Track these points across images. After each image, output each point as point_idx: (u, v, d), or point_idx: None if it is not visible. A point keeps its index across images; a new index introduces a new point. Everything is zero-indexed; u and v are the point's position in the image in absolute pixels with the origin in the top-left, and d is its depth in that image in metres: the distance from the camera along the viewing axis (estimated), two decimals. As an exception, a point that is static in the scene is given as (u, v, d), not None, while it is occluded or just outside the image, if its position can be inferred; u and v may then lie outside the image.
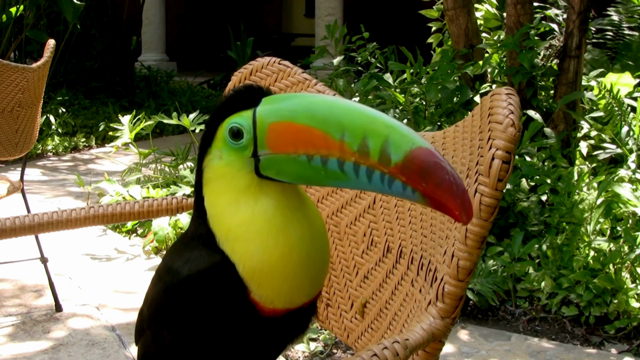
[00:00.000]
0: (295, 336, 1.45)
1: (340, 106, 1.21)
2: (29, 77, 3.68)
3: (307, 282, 1.31)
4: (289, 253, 1.26)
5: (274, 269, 1.25)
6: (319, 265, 1.33)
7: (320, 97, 1.25)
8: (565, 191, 4.59)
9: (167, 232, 4.91)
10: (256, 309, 1.28)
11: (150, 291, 1.44)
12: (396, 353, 1.12)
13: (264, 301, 1.27)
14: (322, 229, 1.35)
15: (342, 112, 1.20)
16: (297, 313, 1.33)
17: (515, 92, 1.28)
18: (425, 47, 6.98)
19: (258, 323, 1.30)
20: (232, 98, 1.29)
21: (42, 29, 10.27)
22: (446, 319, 1.28)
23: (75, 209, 1.86)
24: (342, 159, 1.18)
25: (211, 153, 1.30)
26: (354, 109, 1.20)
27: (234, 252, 1.27)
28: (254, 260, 1.25)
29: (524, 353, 3.63)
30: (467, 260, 1.25)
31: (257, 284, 1.26)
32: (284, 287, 1.27)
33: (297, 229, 1.27)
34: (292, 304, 1.30)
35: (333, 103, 1.22)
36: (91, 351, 3.57)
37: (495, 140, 1.21)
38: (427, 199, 1.14)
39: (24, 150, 3.89)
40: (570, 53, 5.46)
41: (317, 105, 1.22)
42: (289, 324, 1.37)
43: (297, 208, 1.29)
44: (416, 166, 1.13)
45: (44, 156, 8.68)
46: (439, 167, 1.12)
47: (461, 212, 1.12)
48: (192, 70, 15.63)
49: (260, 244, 1.25)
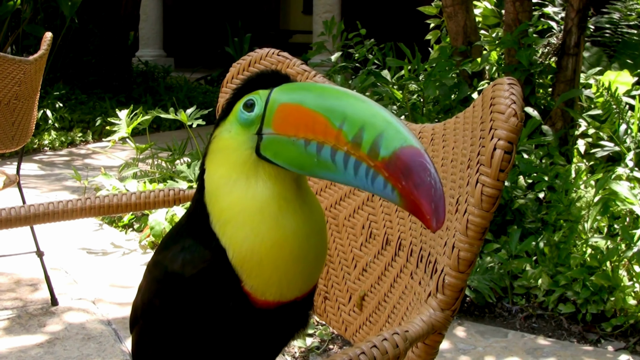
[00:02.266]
0: (294, 332, 1.44)
1: (348, 97, 1.21)
2: (26, 69, 3.67)
3: (300, 276, 1.29)
4: (281, 244, 1.24)
5: (264, 259, 1.24)
6: (314, 260, 1.31)
7: (333, 88, 1.25)
8: (563, 189, 4.58)
9: (164, 227, 4.90)
10: (249, 300, 1.26)
11: (143, 281, 1.44)
12: (395, 345, 1.11)
13: (255, 292, 1.26)
14: (321, 224, 1.33)
15: (348, 103, 1.20)
16: (292, 307, 1.31)
17: (517, 82, 1.27)
18: (423, 44, 6.96)
19: (252, 315, 1.28)
20: (258, 78, 1.30)
21: (39, 24, 10.24)
22: (446, 310, 1.27)
23: (71, 200, 1.84)
24: (336, 147, 1.18)
25: (223, 126, 1.31)
26: (361, 102, 1.20)
27: (225, 236, 1.26)
28: (243, 247, 1.24)
29: (520, 350, 3.63)
30: (467, 251, 1.24)
31: (247, 274, 1.25)
32: (274, 278, 1.25)
33: (291, 221, 1.25)
34: (284, 297, 1.28)
35: (343, 94, 1.22)
36: (87, 345, 3.56)
37: (497, 130, 1.20)
38: (403, 199, 1.13)
39: (20, 143, 3.87)
40: (569, 51, 5.45)
41: (327, 94, 1.23)
42: (284, 318, 1.35)
43: (294, 199, 1.27)
44: (401, 163, 1.12)
45: (41, 151, 8.66)
46: (423, 167, 1.11)
47: (432, 217, 1.10)
48: (189, 66, 15.61)
49: (250, 230, 1.24)
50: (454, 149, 1.44)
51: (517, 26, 5.43)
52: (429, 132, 1.61)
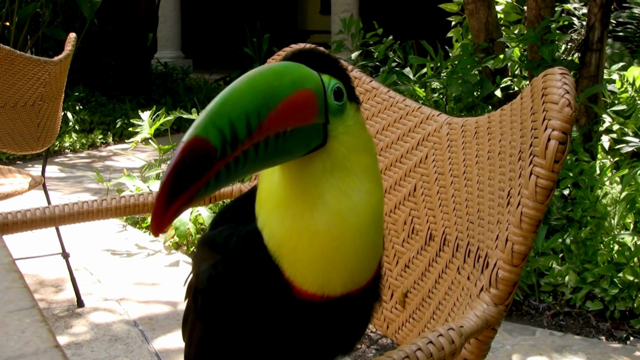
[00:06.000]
0: (350, 336, 1.38)
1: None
2: (51, 70, 3.67)
3: (343, 269, 1.22)
4: (315, 233, 1.19)
5: (298, 246, 1.20)
6: (359, 254, 1.24)
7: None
8: (588, 185, 4.55)
9: (188, 227, 4.90)
10: (292, 290, 1.22)
11: (194, 259, 1.43)
12: (451, 340, 1.08)
13: (295, 280, 1.21)
14: (370, 218, 1.25)
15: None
16: (343, 306, 1.26)
17: (568, 72, 1.24)
18: (443, 42, 6.94)
19: (296, 307, 1.24)
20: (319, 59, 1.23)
21: (59, 26, 10.27)
22: (500, 305, 1.24)
23: (96, 200, 1.83)
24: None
25: None
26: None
27: (260, 218, 1.24)
28: (276, 232, 1.21)
29: (549, 348, 3.60)
30: (522, 244, 1.22)
31: (283, 259, 1.21)
32: (311, 268, 1.21)
33: (329, 206, 1.20)
34: (326, 290, 1.22)
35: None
36: (114, 346, 3.56)
37: (550, 120, 1.18)
38: None
39: (45, 145, 3.87)
40: (592, 46, 5.41)
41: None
42: (335, 317, 1.29)
43: (331, 189, 1.21)
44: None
45: (62, 153, 8.69)
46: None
47: (152, 221, 1.04)
48: (207, 68, 15.62)
49: (282, 216, 1.21)
50: (501, 142, 1.41)
51: (539, 22, 5.40)
52: (472, 126, 1.58)
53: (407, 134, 1.80)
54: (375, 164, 1.27)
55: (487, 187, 1.44)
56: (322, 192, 1.20)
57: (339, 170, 1.21)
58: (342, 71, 1.24)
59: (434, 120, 1.76)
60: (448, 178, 1.64)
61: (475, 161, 1.52)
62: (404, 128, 1.82)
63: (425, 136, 1.76)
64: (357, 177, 1.23)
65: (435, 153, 1.72)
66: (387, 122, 1.86)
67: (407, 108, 1.84)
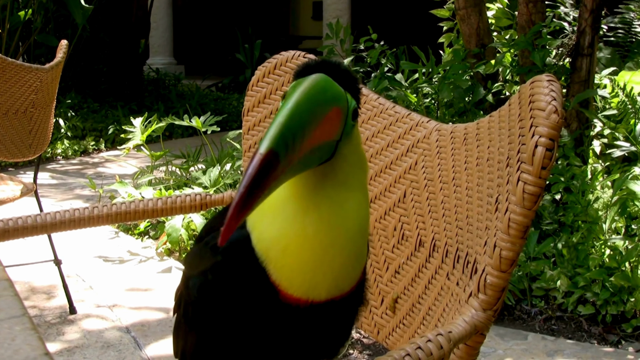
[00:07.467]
0: (334, 342, 1.40)
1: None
2: (42, 77, 3.67)
3: (329, 275, 1.24)
4: (304, 237, 1.21)
5: (286, 250, 1.21)
6: (345, 260, 1.25)
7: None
8: (580, 190, 4.56)
9: (180, 234, 4.89)
10: (277, 293, 1.23)
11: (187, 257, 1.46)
12: (440, 346, 1.09)
13: (280, 283, 1.22)
14: (357, 226, 1.27)
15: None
16: (327, 311, 1.27)
17: (556, 79, 1.25)
18: (435, 48, 6.96)
19: (282, 311, 1.25)
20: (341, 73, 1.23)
21: (51, 33, 10.28)
22: (488, 311, 1.25)
23: (87, 207, 1.83)
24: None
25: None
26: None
27: (250, 219, 1.25)
28: (265, 234, 1.22)
29: (541, 352, 3.61)
30: (510, 250, 1.23)
31: (270, 262, 1.22)
32: (297, 272, 1.22)
33: (315, 217, 1.21)
34: (311, 295, 1.23)
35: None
36: (107, 353, 3.56)
37: (537, 127, 1.19)
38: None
39: (37, 152, 3.87)
40: (583, 51, 5.42)
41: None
42: (320, 322, 1.31)
43: (322, 196, 1.23)
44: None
45: (54, 160, 8.68)
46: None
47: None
48: (199, 74, 15.66)
49: (272, 220, 1.22)
50: (489, 148, 1.42)
51: (530, 27, 5.41)
52: (461, 132, 1.59)
53: (396, 141, 1.81)
54: (366, 178, 1.31)
55: (476, 193, 1.45)
56: (317, 201, 1.22)
57: (338, 184, 1.24)
58: (358, 91, 1.26)
59: (423, 126, 1.77)
60: (437, 184, 1.65)
61: (465, 167, 1.54)
62: (393, 135, 1.83)
63: (414, 143, 1.77)
64: (352, 191, 1.26)
65: (425, 159, 1.73)
66: (377, 129, 1.87)
67: (397, 115, 1.85)
